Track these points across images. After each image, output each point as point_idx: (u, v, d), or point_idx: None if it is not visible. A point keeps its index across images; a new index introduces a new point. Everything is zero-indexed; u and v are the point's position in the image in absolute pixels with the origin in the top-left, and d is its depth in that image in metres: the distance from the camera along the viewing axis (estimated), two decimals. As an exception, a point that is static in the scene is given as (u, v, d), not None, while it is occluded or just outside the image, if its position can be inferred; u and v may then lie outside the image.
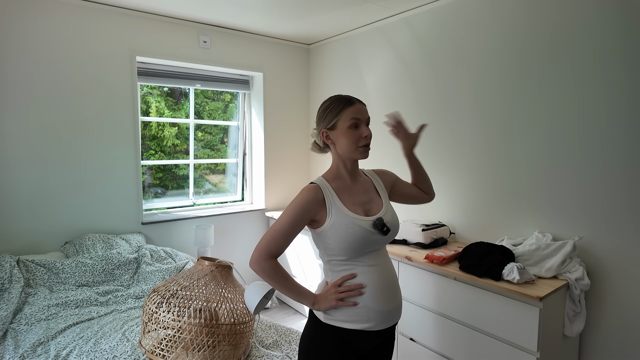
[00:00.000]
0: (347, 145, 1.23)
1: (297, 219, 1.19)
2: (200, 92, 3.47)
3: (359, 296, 1.21)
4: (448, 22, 2.50)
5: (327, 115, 1.25)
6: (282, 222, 1.19)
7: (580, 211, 1.96)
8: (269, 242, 1.19)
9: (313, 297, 1.24)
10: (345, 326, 1.22)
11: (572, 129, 1.97)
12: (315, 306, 1.23)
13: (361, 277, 1.22)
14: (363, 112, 1.25)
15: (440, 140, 2.61)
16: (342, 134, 1.23)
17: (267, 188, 3.58)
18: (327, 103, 1.27)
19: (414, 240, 2.36)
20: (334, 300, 1.20)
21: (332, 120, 1.24)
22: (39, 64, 2.46)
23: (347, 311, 1.21)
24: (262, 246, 1.20)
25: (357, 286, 1.21)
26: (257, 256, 1.20)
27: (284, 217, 1.20)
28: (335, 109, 1.24)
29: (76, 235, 2.66)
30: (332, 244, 1.21)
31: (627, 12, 1.76)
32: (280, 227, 1.19)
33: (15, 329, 1.85)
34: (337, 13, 2.80)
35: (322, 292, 1.25)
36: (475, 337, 1.90)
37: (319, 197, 1.21)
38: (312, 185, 1.24)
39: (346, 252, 1.20)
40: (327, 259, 1.26)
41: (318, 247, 1.28)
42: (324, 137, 1.27)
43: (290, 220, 1.19)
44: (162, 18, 2.89)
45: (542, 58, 2.06)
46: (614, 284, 1.87)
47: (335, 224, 1.20)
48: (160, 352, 1.46)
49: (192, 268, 1.66)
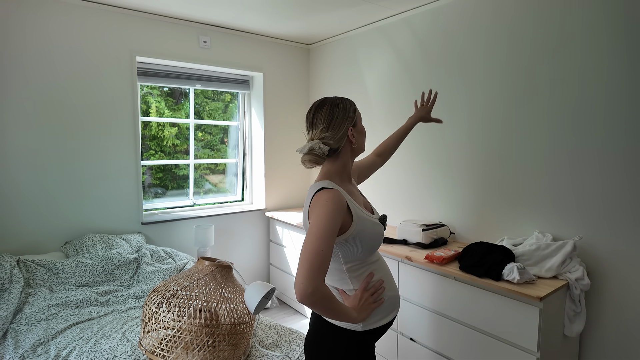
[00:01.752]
0: (364, 140, 1.31)
1: (335, 230, 1.07)
2: (200, 92, 3.47)
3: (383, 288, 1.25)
4: (448, 22, 2.50)
5: (349, 114, 1.23)
6: (323, 239, 1.03)
7: (580, 211, 1.96)
8: (319, 265, 1.01)
9: (353, 310, 1.15)
10: (381, 323, 1.24)
11: (572, 129, 1.97)
12: (359, 318, 1.16)
13: (377, 273, 1.26)
14: None
15: (440, 140, 2.61)
16: (359, 130, 1.29)
17: (267, 188, 3.58)
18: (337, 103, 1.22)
19: (414, 240, 2.36)
20: (371, 304, 1.20)
21: (354, 118, 1.26)
22: (39, 64, 2.46)
23: (379, 310, 1.23)
24: (314, 272, 1.00)
25: (379, 283, 1.24)
26: (313, 285, 0.99)
27: (323, 232, 1.04)
28: (350, 106, 1.26)
29: (76, 235, 2.66)
30: (355, 248, 1.17)
31: (629, 11, 1.76)
32: (323, 244, 1.03)
33: (15, 329, 1.85)
34: (337, 13, 2.80)
35: (355, 303, 1.18)
36: (475, 337, 1.90)
37: (344, 203, 1.13)
38: (335, 192, 1.13)
39: (368, 250, 1.22)
40: (345, 267, 1.20)
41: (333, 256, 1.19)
42: (350, 136, 1.23)
43: (330, 234, 1.05)
44: (162, 18, 2.89)
45: (541, 57, 2.06)
46: (614, 284, 1.87)
47: (362, 228, 1.17)
48: (160, 352, 1.46)
49: (192, 268, 1.66)
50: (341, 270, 1.22)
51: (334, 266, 1.23)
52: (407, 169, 2.85)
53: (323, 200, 1.10)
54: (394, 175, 2.94)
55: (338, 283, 1.25)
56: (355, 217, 1.17)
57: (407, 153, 2.83)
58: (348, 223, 1.15)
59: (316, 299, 1.00)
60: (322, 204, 1.09)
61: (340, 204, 1.10)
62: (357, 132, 1.27)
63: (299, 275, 1.01)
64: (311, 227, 1.07)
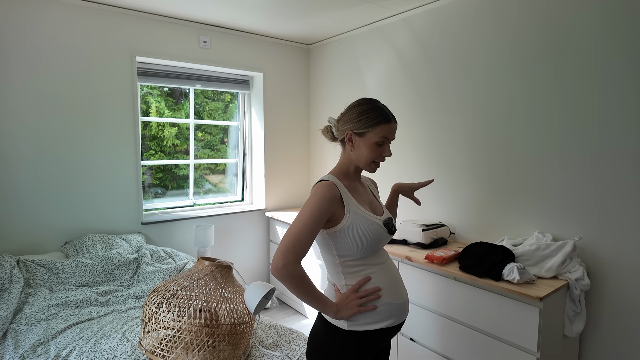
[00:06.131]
0: (366, 157, 1.24)
1: (320, 217, 1.12)
2: (200, 92, 3.47)
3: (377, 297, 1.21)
4: (448, 22, 2.50)
5: (362, 120, 1.22)
6: (304, 222, 1.11)
7: (580, 211, 1.96)
8: (294, 244, 1.10)
9: (334, 305, 1.18)
10: (370, 328, 1.21)
11: (572, 129, 1.97)
12: (338, 315, 1.18)
13: (376, 275, 1.23)
14: (394, 132, 1.25)
15: (440, 140, 2.61)
16: (366, 145, 1.23)
17: (267, 188, 3.58)
18: (365, 107, 1.24)
19: (414, 241, 2.36)
20: (355, 307, 1.18)
21: (365, 128, 1.22)
22: (38, 64, 2.46)
23: (370, 313, 1.21)
24: (287, 249, 1.09)
25: (375, 289, 1.21)
26: (284, 261, 1.09)
27: (306, 216, 1.12)
28: (373, 119, 1.21)
29: (76, 235, 2.66)
30: (348, 242, 1.19)
31: (630, 10, 1.76)
32: (303, 226, 1.11)
33: (15, 329, 1.85)
34: (337, 13, 2.80)
35: (341, 300, 1.20)
36: (475, 337, 1.90)
37: (337, 195, 1.18)
38: (329, 182, 1.19)
39: (362, 250, 1.20)
40: (338, 260, 1.23)
41: (327, 248, 1.23)
42: (346, 137, 1.25)
43: (313, 219, 1.12)
44: (162, 18, 2.89)
45: (541, 57, 2.06)
46: (614, 284, 1.87)
47: (354, 222, 1.18)
48: (160, 352, 1.46)
49: (192, 268, 1.66)
50: (334, 263, 1.24)
51: (328, 258, 1.26)
52: (407, 169, 2.85)
53: (314, 189, 1.19)
54: (394, 175, 2.94)
55: (333, 277, 1.27)
56: (347, 211, 1.19)
57: (407, 153, 2.83)
58: (340, 216, 1.18)
59: (284, 274, 1.09)
60: (313, 192, 1.18)
61: (330, 193, 1.16)
62: (361, 143, 1.23)
63: (276, 250, 1.12)
64: (299, 211, 1.16)
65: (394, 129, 1.26)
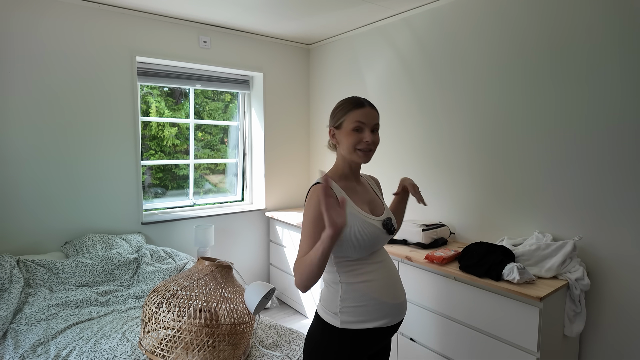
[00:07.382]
0: (347, 146, 1.25)
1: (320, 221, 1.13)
2: (200, 92, 3.47)
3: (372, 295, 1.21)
4: (448, 22, 2.50)
5: (337, 114, 1.28)
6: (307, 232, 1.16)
7: (580, 211, 1.96)
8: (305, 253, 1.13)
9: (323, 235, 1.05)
10: (363, 327, 1.21)
11: (572, 129, 1.97)
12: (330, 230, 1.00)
13: (372, 274, 1.23)
14: (370, 116, 1.25)
15: (440, 140, 2.61)
16: (345, 135, 1.26)
17: (267, 188, 3.58)
18: (338, 103, 1.30)
19: (414, 240, 2.36)
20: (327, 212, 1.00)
21: (339, 120, 1.27)
22: (39, 64, 2.46)
23: (363, 312, 1.21)
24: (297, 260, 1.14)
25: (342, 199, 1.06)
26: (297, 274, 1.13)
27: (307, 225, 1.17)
28: (344, 109, 1.26)
29: (76, 235, 2.65)
30: (343, 244, 1.19)
31: (628, 12, 1.76)
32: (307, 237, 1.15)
33: (15, 329, 1.85)
34: (337, 13, 2.80)
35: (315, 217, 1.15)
36: (475, 337, 1.90)
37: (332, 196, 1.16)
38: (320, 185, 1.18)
39: (358, 250, 1.21)
40: (334, 260, 1.24)
41: None
42: (330, 135, 1.31)
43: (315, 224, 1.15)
44: (162, 18, 2.89)
45: (541, 57, 2.06)
46: (614, 284, 1.87)
47: (349, 223, 1.19)
48: (160, 352, 1.46)
49: (192, 268, 1.66)
50: (330, 262, 1.25)
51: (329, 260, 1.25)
52: (407, 169, 2.85)
53: (309, 194, 1.22)
54: (394, 175, 2.94)
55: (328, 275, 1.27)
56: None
57: (408, 153, 2.83)
58: None
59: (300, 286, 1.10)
60: (309, 197, 1.21)
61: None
62: (342, 135, 1.26)
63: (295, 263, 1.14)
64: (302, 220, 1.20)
65: (370, 113, 1.25)
